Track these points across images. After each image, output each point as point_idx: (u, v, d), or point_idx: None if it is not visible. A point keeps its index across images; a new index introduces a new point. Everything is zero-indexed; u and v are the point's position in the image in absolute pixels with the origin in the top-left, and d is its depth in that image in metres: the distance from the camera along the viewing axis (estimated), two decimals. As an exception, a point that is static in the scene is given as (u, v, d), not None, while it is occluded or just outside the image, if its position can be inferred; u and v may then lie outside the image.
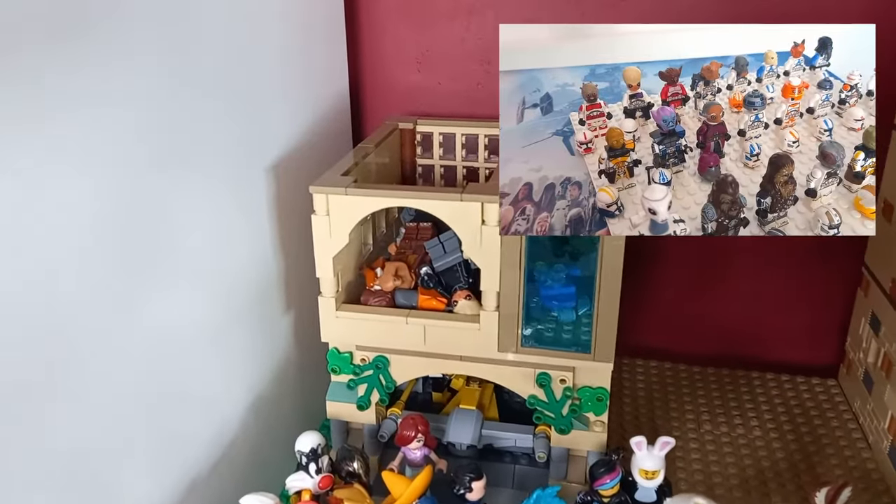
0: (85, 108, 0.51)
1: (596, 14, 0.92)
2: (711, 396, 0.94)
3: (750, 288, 1.00)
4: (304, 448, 0.68)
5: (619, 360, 1.01)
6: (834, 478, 0.78)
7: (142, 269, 0.59)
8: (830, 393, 0.94)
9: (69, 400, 0.52)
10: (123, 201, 0.56)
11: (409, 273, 0.78)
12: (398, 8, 0.98)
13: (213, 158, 0.68)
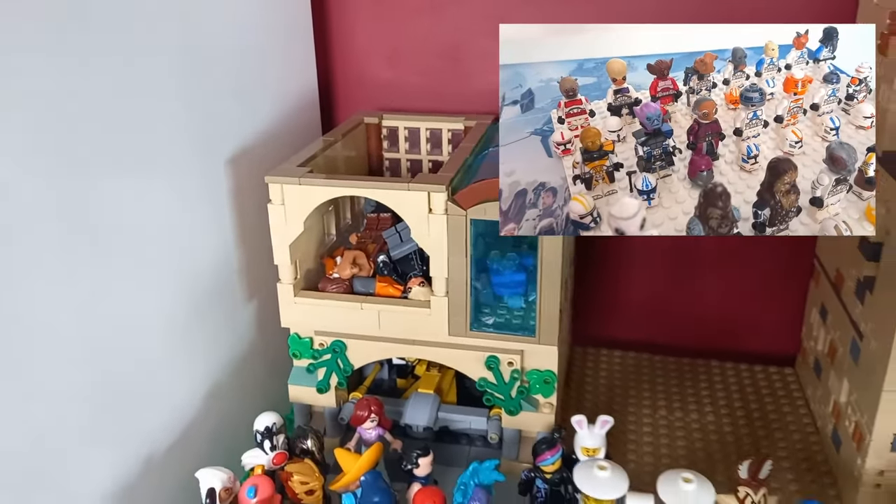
0: (42, 102, 0.54)
1: (566, 12, 0.95)
2: (670, 384, 0.96)
3: (715, 282, 1.03)
4: (260, 426, 0.71)
5: (584, 350, 1.04)
6: (778, 459, 0.81)
7: (104, 261, 0.62)
8: (786, 381, 0.96)
9: (31, 385, 0.55)
10: (81, 195, 0.59)
11: (366, 261, 0.80)
12: (367, 6, 1.00)
13: (174, 152, 0.71)
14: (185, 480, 0.67)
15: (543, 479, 0.68)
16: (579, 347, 1.04)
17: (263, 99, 0.88)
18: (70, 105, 0.57)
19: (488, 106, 0.97)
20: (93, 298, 0.61)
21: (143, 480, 0.68)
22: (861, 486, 0.71)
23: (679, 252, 1.02)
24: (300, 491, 0.67)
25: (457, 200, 0.69)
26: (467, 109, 0.97)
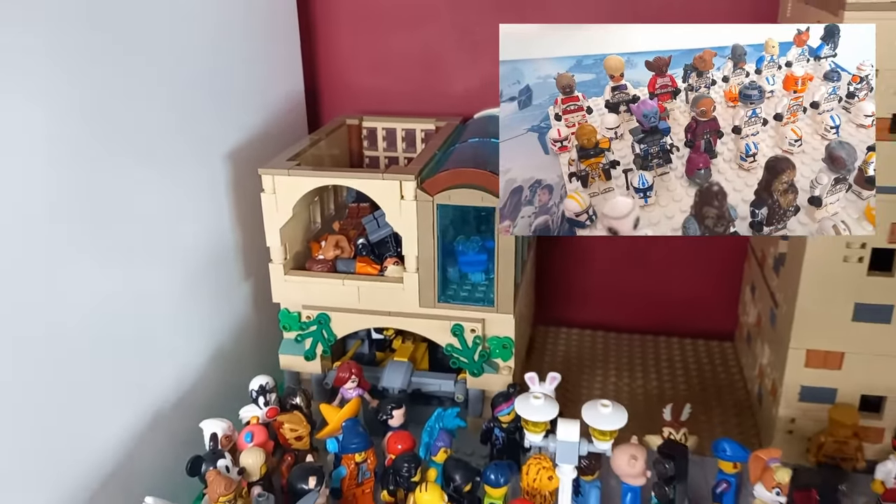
0: (62, 104, 0.65)
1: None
2: (621, 357, 1.07)
3: (664, 267, 1.14)
4: (255, 385, 0.82)
5: (545, 329, 1.15)
6: (712, 416, 0.92)
7: (119, 244, 0.72)
8: (725, 353, 1.07)
9: (50, 350, 0.65)
10: (99, 187, 0.69)
11: (348, 244, 0.91)
12: (350, 19, 1.11)
13: (179, 150, 0.82)
14: (190, 431, 0.77)
15: (500, 427, 0.79)
16: (541, 326, 1.15)
17: (256, 102, 0.99)
18: (87, 109, 0.67)
19: (457, 109, 1.09)
20: (112, 278, 0.72)
21: (154, 431, 0.78)
22: (776, 432, 0.82)
23: (632, 240, 1.13)
24: (290, 437, 0.77)
25: (425, 188, 0.80)
26: (438, 112, 1.08)
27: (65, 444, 0.67)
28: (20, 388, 0.61)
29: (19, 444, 0.61)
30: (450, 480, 0.69)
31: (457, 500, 0.68)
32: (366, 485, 0.75)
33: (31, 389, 0.63)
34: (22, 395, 0.61)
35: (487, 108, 1.05)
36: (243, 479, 0.71)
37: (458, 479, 0.69)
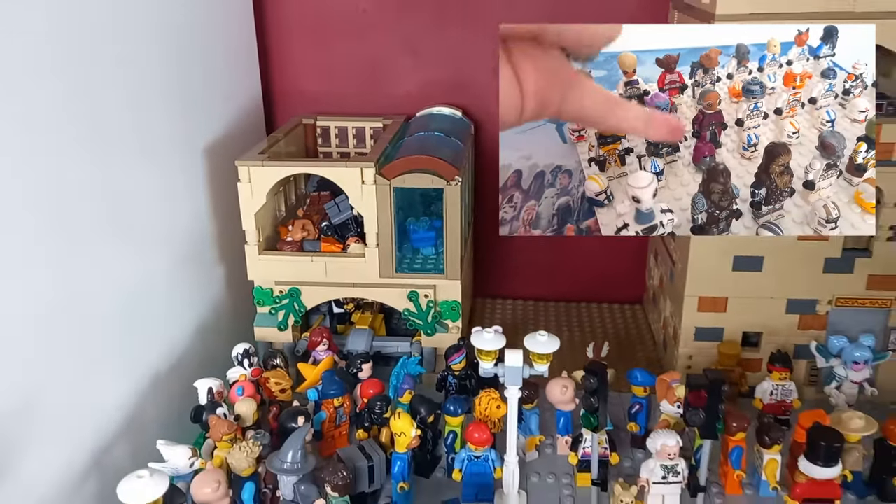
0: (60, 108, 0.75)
1: (466, 31, 1.21)
2: (550, 322, 1.24)
3: (584, 243, 1.31)
4: (240, 350, 0.93)
5: (484, 301, 1.31)
6: (625, 361, 1.09)
7: (108, 230, 0.82)
8: (636, 314, 1.26)
9: (63, 327, 0.75)
10: (91, 180, 0.78)
11: (313, 227, 1.04)
12: (302, 31, 1.24)
13: (159, 147, 0.92)
14: (183, 392, 0.88)
15: (453, 375, 0.93)
16: (479, 299, 1.31)
17: (221, 105, 1.10)
18: (80, 108, 0.76)
19: (401, 108, 1.23)
20: (103, 260, 0.81)
21: (154, 391, 0.89)
22: (678, 368, 0.99)
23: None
24: (276, 390, 0.89)
25: (383, 173, 0.94)
26: (385, 111, 1.22)
27: (83, 404, 0.77)
28: (42, 361, 0.71)
29: (46, 406, 0.71)
30: (416, 413, 0.83)
31: (423, 429, 0.82)
32: (342, 427, 0.88)
33: (51, 361, 0.72)
34: (44, 365, 0.71)
35: (428, 108, 1.20)
36: (238, 425, 0.83)
37: (424, 412, 0.83)
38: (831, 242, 0.90)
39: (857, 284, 0.92)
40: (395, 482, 0.78)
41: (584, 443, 0.81)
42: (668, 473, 0.76)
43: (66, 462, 0.74)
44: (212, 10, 1.06)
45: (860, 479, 0.80)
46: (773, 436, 0.78)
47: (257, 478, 0.76)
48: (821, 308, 0.93)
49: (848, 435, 0.78)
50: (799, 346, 0.95)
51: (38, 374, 0.70)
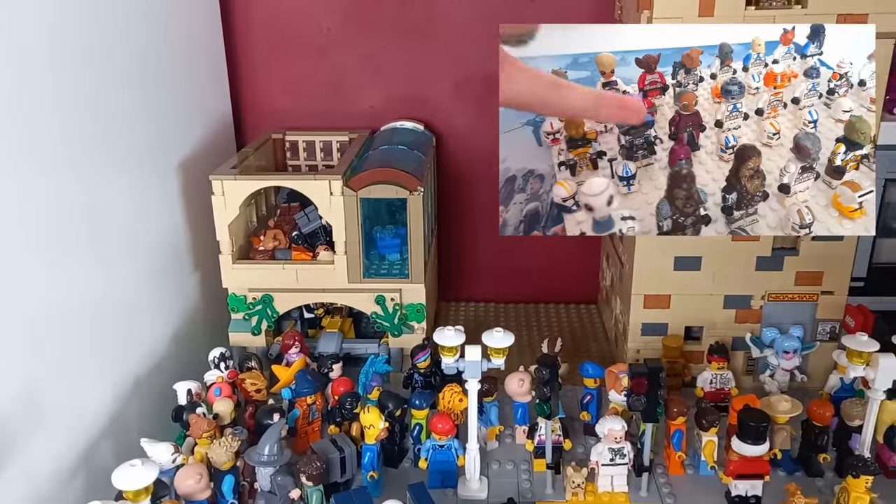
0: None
1: (426, 47, 1.28)
2: (510, 322, 1.31)
3: (539, 247, 1.38)
4: (216, 353, 0.97)
5: (447, 304, 1.37)
6: (580, 356, 1.17)
7: (88, 241, 0.86)
8: (591, 313, 1.33)
9: (50, 332, 0.80)
10: (70, 192, 0.82)
11: (284, 237, 1.10)
12: (269, 50, 1.30)
13: (137, 161, 0.98)
14: (163, 394, 0.93)
15: (419, 372, 1.00)
16: (444, 302, 1.37)
17: (193, 122, 1.15)
18: (59, 125, 0.81)
19: (366, 122, 1.29)
20: (84, 271, 0.86)
21: (135, 394, 0.94)
22: (626, 361, 1.07)
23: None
24: (252, 390, 0.95)
25: (350, 185, 1.00)
26: (350, 126, 1.28)
27: (69, 405, 0.82)
28: (27, 366, 0.75)
29: (33, 409, 0.76)
30: (384, 408, 0.89)
31: (391, 422, 0.89)
32: (315, 423, 0.94)
33: (36, 366, 0.77)
34: (30, 370, 0.75)
35: (391, 122, 1.27)
36: (216, 424, 0.88)
37: (391, 406, 0.89)
38: (762, 242, 0.98)
39: (787, 280, 1.00)
40: (366, 472, 0.84)
41: (539, 431, 0.87)
42: (616, 456, 0.83)
43: (54, 461, 0.79)
44: (182, 28, 1.12)
45: (788, 457, 0.88)
46: (710, 419, 0.86)
47: (236, 471, 0.81)
48: (755, 303, 1.02)
49: (776, 417, 0.86)
50: (736, 339, 1.03)
51: (24, 379, 0.75)
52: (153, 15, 1.03)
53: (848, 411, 0.87)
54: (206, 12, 1.20)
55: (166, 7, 1.07)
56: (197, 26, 1.17)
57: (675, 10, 0.87)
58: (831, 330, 1.02)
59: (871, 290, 1.00)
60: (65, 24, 0.82)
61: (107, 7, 0.90)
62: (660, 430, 0.90)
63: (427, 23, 1.26)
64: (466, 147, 1.32)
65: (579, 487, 0.83)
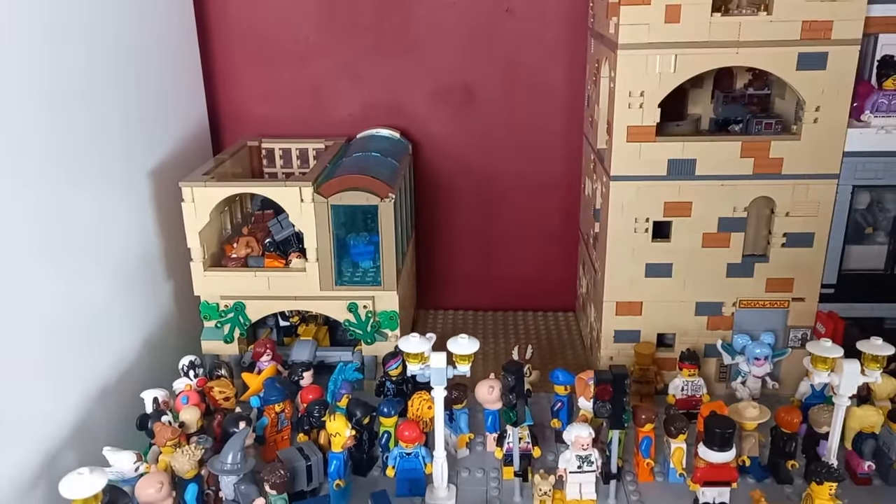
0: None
1: (403, 63, 1.28)
2: (487, 329, 1.30)
3: (516, 255, 1.38)
4: (185, 362, 0.97)
5: (425, 312, 1.37)
6: (555, 363, 1.17)
7: (61, 254, 0.87)
8: (568, 321, 1.33)
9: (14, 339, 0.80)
10: (45, 202, 0.83)
11: (256, 244, 1.09)
12: (245, 56, 1.30)
13: (108, 169, 0.98)
14: (131, 403, 0.93)
15: (391, 380, 0.99)
16: (422, 311, 1.37)
17: (168, 129, 1.15)
18: (33, 135, 0.82)
19: (343, 130, 1.29)
20: (59, 281, 0.86)
21: (102, 402, 0.94)
22: (600, 368, 1.07)
23: (488, 234, 1.37)
24: (220, 398, 0.94)
25: (320, 192, 1.00)
26: (326, 133, 1.28)
27: (33, 413, 0.81)
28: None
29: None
30: (352, 415, 0.88)
31: (358, 430, 0.88)
32: (284, 431, 0.93)
33: (2, 372, 0.76)
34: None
35: (368, 129, 1.27)
36: (182, 432, 0.87)
37: (359, 414, 0.89)
38: (732, 249, 0.98)
39: (758, 287, 1.00)
40: (332, 480, 0.84)
41: (508, 438, 0.87)
42: (583, 463, 0.83)
43: (15, 468, 0.78)
44: (156, 35, 1.12)
45: (758, 464, 0.88)
46: (678, 426, 0.86)
47: (200, 479, 0.81)
48: (726, 310, 1.02)
49: (744, 423, 0.86)
50: (709, 346, 1.03)
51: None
52: (126, 22, 1.03)
53: (816, 418, 0.86)
54: (181, 19, 1.20)
55: (139, 13, 1.07)
56: (172, 33, 1.17)
57: (642, 17, 0.88)
58: (803, 336, 1.02)
59: (841, 296, 1.00)
60: (35, 28, 0.82)
61: (79, 12, 0.91)
62: (629, 437, 0.90)
63: (405, 31, 1.27)
64: (444, 155, 1.32)
65: (546, 495, 0.83)
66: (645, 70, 0.90)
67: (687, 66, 0.90)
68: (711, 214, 0.97)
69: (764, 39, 0.88)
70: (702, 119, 1.12)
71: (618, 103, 0.92)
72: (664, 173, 0.95)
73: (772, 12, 0.86)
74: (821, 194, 0.95)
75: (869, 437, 0.87)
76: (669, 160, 0.94)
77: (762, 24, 0.87)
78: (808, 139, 0.92)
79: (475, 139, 1.31)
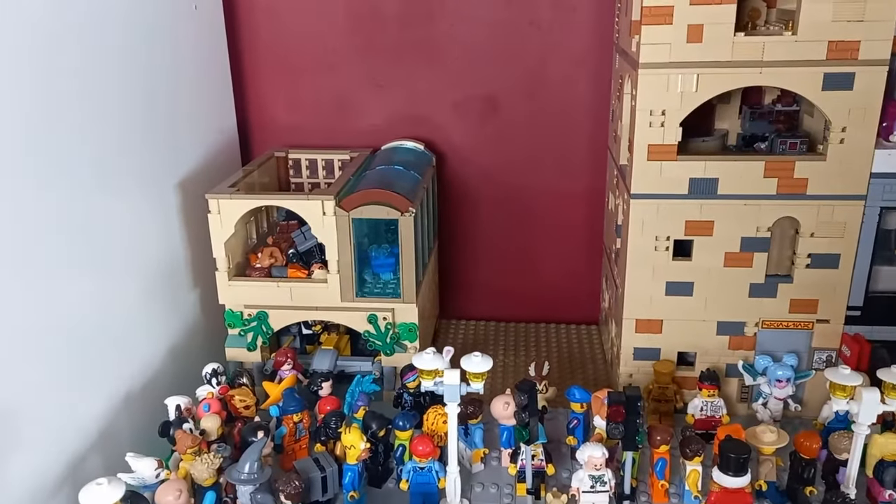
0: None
1: (427, 72, 1.29)
2: (509, 341, 1.30)
3: (541, 267, 1.38)
4: (208, 369, 0.99)
5: (447, 322, 1.38)
6: (575, 379, 1.16)
7: (88, 259, 0.89)
8: (591, 334, 1.32)
9: (46, 345, 0.83)
10: (74, 211, 0.86)
11: (280, 254, 1.11)
12: (274, 67, 1.32)
13: (138, 179, 1.00)
14: (155, 408, 0.95)
15: (408, 392, 1.00)
16: (444, 320, 1.38)
17: (197, 139, 1.18)
18: (62, 143, 0.84)
19: (369, 140, 1.30)
20: (89, 288, 0.89)
21: (127, 408, 0.96)
22: (620, 385, 1.06)
23: (512, 245, 1.37)
24: (240, 406, 0.96)
25: (342, 206, 1.01)
26: (352, 143, 1.30)
27: (60, 418, 0.84)
28: (21, 377, 0.78)
29: (25, 419, 0.78)
30: (368, 428, 0.90)
31: (374, 442, 0.89)
32: (302, 441, 0.95)
33: (30, 377, 0.79)
34: (23, 382, 0.78)
35: (393, 140, 1.28)
36: (203, 439, 0.89)
37: (375, 426, 0.90)
38: (755, 269, 0.97)
39: (781, 308, 0.99)
40: (346, 492, 0.85)
41: (521, 455, 0.87)
42: (596, 483, 0.83)
43: (41, 472, 0.81)
44: (187, 49, 1.14)
45: (775, 489, 0.87)
46: (694, 448, 0.85)
47: (218, 488, 0.83)
48: (749, 330, 1.00)
49: (761, 448, 0.85)
50: (730, 365, 1.02)
51: (17, 390, 0.77)
52: (159, 35, 1.05)
53: (836, 444, 0.85)
54: (211, 32, 1.23)
55: (171, 27, 1.09)
56: (203, 46, 1.20)
57: (664, 36, 0.87)
58: (827, 358, 1.00)
59: (867, 318, 0.98)
60: (68, 41, 0.85)
61: (112, 25, 0.93)
62: (645, 458, 0.90)
63: (430, 43, 1.27)
64: (467, 166, 1.33)
65: (558, 514, 0.83)
66: (666, 89, 0.89)
67: (709, 86, 0.89)
68: (734, 234, 0.95)
69: (789, 59, 0.86)
70: (729, 134, 1.11)
71: (639, 121, 0.92)
72: (686, 192, 0.94)
73: (797, 32, 0.85)
74: (847, 215, 0.93)
75: (891, 465, 0.85)
76: (691, 179, 0.93)
77: (787, 44, 0.86)
78: (835, 159, 0.91)
79: (499, 150, 1.32)
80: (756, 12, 0.98)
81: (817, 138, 0.97)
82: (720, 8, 0.85)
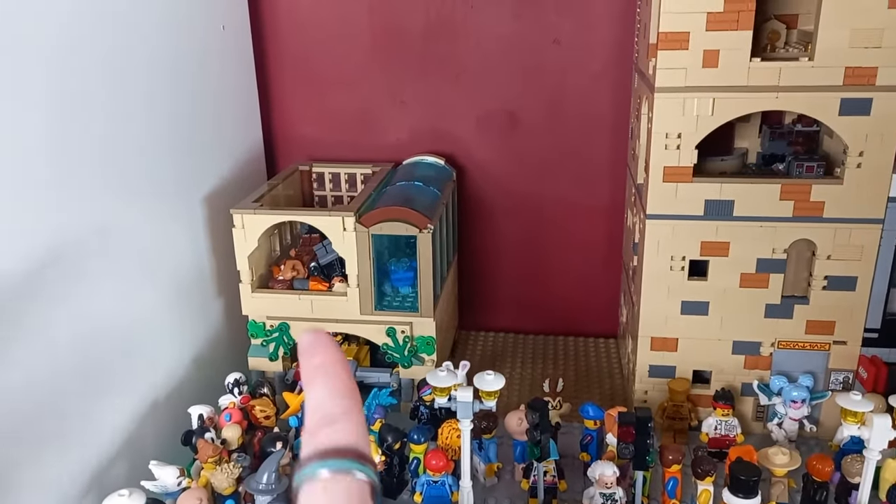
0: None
1: (446, 87, 1.31)
2: (527, 353, 1.32)
3: (560, 281, 1.39)
4: (231, 379, 1.03)
5: (467, 333, 1.39)
6: (591, 394, 1.17)
7: (116, 269, 0.93)
8: (609, 348, 1.33)
9: (73, 353, 0.86)
10: (104, 224, 0.89)
11: (302, 267, 1.14)
12: (299, 82, 1.35)
13: (165, 193, 1.04)
14: (179, 416, 0.98)
15: (424, 405, 1.02)
16: (463, 332, 1.39)
17: (224, 153, 1.21)
18: (90, 153, 0.88)
19: (391, 154, 1.33)
20: (116, 298, 0.93)
21: (152, 415, 1.00)
22: (635, 402, 1.07)
23: (531, 258, 1.39)
24: (261, 416, 0.99)
25: (362, 222, 1.04)
26: (374, 157, 1.32)
27: (86, 426, 0.87)
28: (51, 384, 0.81)
29: (52, 426, 0.81)
30: (383, 440, 0.92)
31: (389, 455, 0.91)
32: (320, 451, 0.97)
33: (61, 383, 0.83)
34: (51, 387, 0.81)
35: (415, 155, 1.30)
36: (224, 448, 0.92)
37: (390, 439, 0.92)
38: (771, 290, 0.97)
39: (797, 329, 0.99)
40: (362, 503, 0.87)
41: (533, 471, 0.89)
42: (607, 501, 0.84)
43: (67, 478, 0.84)
44: (215, 64, 1.18)
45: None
46: (705, 468, 0.86)
47: (238, 496, 0.85)
48: (764, 350, 1.01)
49: (774, 469, 0.85)
50: (746, 384, 1.02)
51: (45, 398, 0.81)
52: (187, 56, 1.09)
53: (848, 468, 0.85)
54: (238, 50, 1.26)
55: (200, 48, 1.13)
56: (230, 63, 1.23)
57: (680, 61, 0.88)
58: (844, 380, 1.00)
59: (885, 340, 0.98)
60: (99, 61, 0.88)
61: (141, 41, 0.97)
62: (658, 476, 0.90)
63: (453, 59, 1.29)
64: (488, 180, 1.34)
65: (569, 531, 0.84)
66: (682, 112, 0.90)
67: (725, 110, 0.89)
68: (749, 255, 0.96)
69: (805, 84, 0.87)
70: (748, 153, 1.11)
71: (654, 144, 0.92)
72: (701, 213, 0.95)
73: (814, 58, 0.85)
74: (864, 238, 0.93)
75: (904, 491, 0.85)
76: (707, 200, 0.94)
77: (804, 70, 0.86)
78: (851, 183, 0.91)
79: (519, 165, 1.33)
80: (775, 34, 0.98)
81: (837, 160, 0.97)
82: (736, 34, 0.86)
